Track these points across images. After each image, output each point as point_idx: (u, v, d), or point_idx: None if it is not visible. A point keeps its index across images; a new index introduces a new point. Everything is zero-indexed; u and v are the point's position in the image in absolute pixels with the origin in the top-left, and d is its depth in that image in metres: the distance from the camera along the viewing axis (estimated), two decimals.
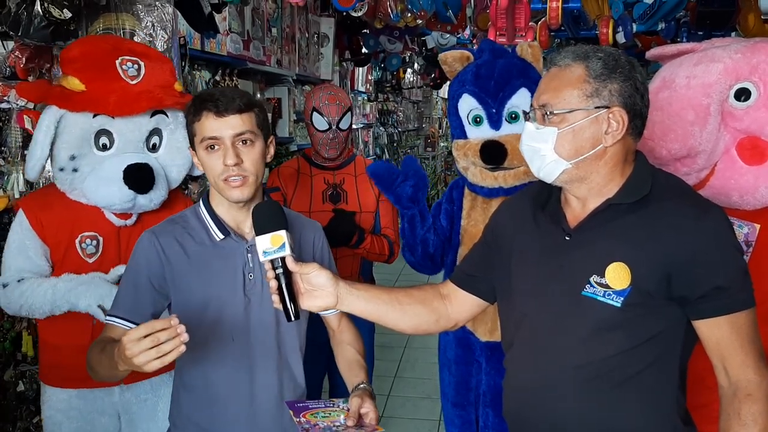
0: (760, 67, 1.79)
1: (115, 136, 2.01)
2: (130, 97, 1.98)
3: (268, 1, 4.33)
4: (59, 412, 2.08)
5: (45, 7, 2.09)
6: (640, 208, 1.38)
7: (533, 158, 1.44)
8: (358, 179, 2.73)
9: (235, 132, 1.56)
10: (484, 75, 2.28)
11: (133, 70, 2.02)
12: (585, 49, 1.41)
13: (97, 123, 1.99)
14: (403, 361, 4.81)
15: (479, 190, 2.37)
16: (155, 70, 2.07)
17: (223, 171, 1.56)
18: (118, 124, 2.00)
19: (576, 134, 1.37)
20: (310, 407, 1.56)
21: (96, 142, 2.01)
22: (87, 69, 2.00)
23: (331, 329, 1.81)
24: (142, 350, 1.30)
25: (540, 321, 1.46)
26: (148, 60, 2.07)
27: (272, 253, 1.43)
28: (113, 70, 2.00)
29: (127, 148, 2.03)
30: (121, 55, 2.02)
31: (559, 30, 3.96)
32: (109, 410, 2.11)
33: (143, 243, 1.65)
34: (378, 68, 7.64)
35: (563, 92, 1.38)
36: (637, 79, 1.38)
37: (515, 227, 1.56)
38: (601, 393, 1.40)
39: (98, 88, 1.98)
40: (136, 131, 2.03)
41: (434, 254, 2.46)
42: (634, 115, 1.37)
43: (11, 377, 2.62)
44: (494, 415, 2.37)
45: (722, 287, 1.32)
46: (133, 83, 2.02)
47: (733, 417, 1.34)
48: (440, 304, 1.65)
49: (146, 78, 2.04)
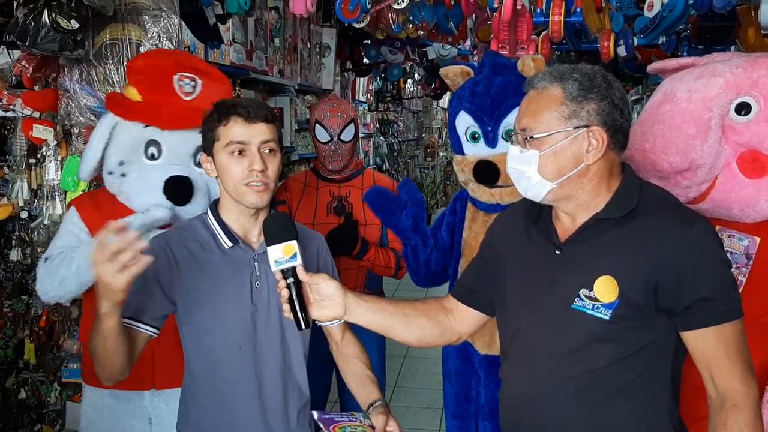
0: (761, 82, 1.81)
1: (164, 148, 2.09)
2: (182, 112, 2.06)
3: (271, 12, 4.35)
4: (93, 408, 2.16)
5: (53, 17, 2.11)
6: (627, 222, 1.40)
7: (519, 180, 1.47)
8: (365, 192, 2.70)
9: (263, 139, 1.59)
10: (480, 93, 2.29)
11: (189, 86, 2.11)
12: (561, 70, 1.43)
13: (147, 133, 2.08)
14: (403, 370, 4.81)
15: (479, 204, 2.39)
16: (212, 89, 2.14)
17: (246, 176, 1.58)
18: (167, 136, 2.09)
19: (557, 155, 1.40)
20: (335, 420, 1.56)
21: (145, 151, 2.09)
22: (146, 81, 2.10)
23: (334, 341, 1.81)
24: (103, 259, 1.34)
25: (533, 333, 1.49)
26: (207, 79, 2.16)
27: (284, 262, 1.44)
28: (170, 85, 2.09)
29: (174, 160, 2.10)
30: (181, 71, 2.11)
31: (561, 43, 3.98)
32: (140, 413, 2.15)
33: (154, 246, 1.65)
34: (379, 78, 7.67)
35: (542, 116, 1.40)
36: (615, 96, 1.40)
37: (509, 242, 1.59)
38: (593, 403, 1.42)
39: (153, 101, 2.08)
40: (184, 145, 2.10)
41: (436, 271, 2.50)
42: (614, 131, 1.40)
43: (13, 385, 2.63)
44: (492, 428, 2.38)
45: (708, 299, 1.34)
46: (187, 99, 2.11)
47: (720, 427, 1.36)
48: (444, 318, 1.68)
49: (201, 95, 2.11)
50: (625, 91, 1.45)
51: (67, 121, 2.52)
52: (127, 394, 2.13)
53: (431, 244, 2.47)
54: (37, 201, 2.70)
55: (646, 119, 1.94)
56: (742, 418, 1.34)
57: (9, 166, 2.73)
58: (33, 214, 2.72)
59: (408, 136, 10.62)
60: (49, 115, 2.56)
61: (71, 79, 2.47)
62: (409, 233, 2.47)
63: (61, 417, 2.81)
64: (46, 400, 2.80)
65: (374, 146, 8.31)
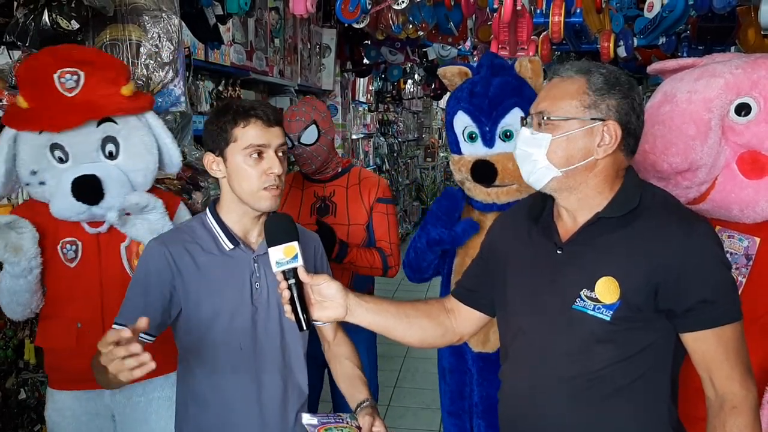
0: (761, 83, 1.81)
1: (68, 149, 2.00)
2: (66, 109, 1.97)
3: (271, 13, 4.36)
4: (56, 412, 2.13)
5: (53, 18, 2.11)
6: (628, 223, 1.40)
7: (525, 162, 1.46)
8: (349, 191, 2.65)
9: (280, 142, 1.61)
10: (478, 93, 2.30)
11: (72, 81, 2.00)
12: (588, 64, 1.44)
13: (45, 138, 2.00)
14: (403, 370, 4.81)
15: (474, 204, 2.41)
16: (97, 78, 2.03)
17: (264, 180, 1.59)
18: (65, 137, 1.99)
19: (569, 143, 1.40)
20: (322, 422, 1.56)
21: (53, 156, 2.01)
22: (28, 86, 2.01)
23: (326, 341, 1.82)
24: (114, 359, 1.29)
25: (534, 334, 1.49)
26: (91, 68, 2.04)
27: (285, 264, 1.44)
28: (51, 84, 1.99)
29: (83, 159, 2.02)
30: (61, 68, 2.01)
31: (561, 43, 3.98)
32: (102, 411, 2.13)
33: (153, 252, 1.65)
34: (379, 79, 7.67)
35: (562, 101, 1.41)
36: (635, 99, 1.41)
37: (510, 241, 1.59)
38: (593, 403, 1.42)
39: (38, 106, 1.99)
40: (84, 142, 2.01)
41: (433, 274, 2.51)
42: (627, 133, 1.40)
43: (13, 385, 2.62)
44: (486, 425, 2.38)
45: (708, 300, 1.34)
46: (71, 95, 2.00)
47: (719, 429, 1.36)
48: (445, 318, 1.68)
49: (85, 88, 2.01)
50: (646, 90, 1.45)
51: None
52: (87, 394, 2.10)
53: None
54: None
55: (646, 120, 1.93)
56: (741, 421, 1.34)
57: None
58: None
59: (408, 136, 10.63)
60: None
61: None
62: (457, 243, 2.39)
63: None
64: (46, 401, 2.80)
65: (374, 147, 8.32)
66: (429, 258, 2.41)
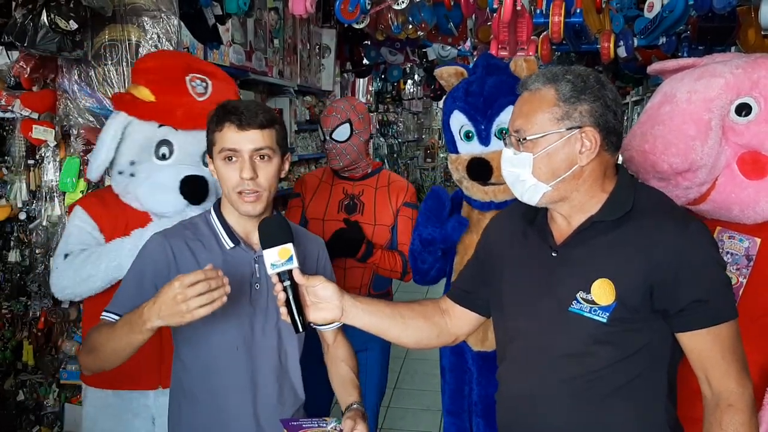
0: (761, 83, 1.80)
1: (175, 148, 2.10)
2: (196, 112, 2.06)
3: (271, 13, 4.35)
4: (95, 408, 2.16)
5: (51, 18, 2.11)
6: (622, 224, 1.40)
7: (515, 184, 1.47)
8: (378, 192, 2.69)
9: (255, 147, 1.58)
10: (474, 92, 2.32)
11: (201, 87, 2.14)
12: (554, 71, 1.43)
13: (161, 133, 2.09)
14: (402, 372, 4.81)
15: (473, 203, 2.42)
16: (221, 90, 2.17)
17: (238, 184, 1.58)
18: (180, 136, 2.10)
19: (551, 157, 1.40)
20: (303, 426, 1.56)
21: (156, 151, 2.09)
22: (159, 81, 2.11)
23: (326, 344, 1.81)
24: (194, 294, 1.36)
25: (531, 336, 1.49)
26: (215, 80, 2.18)
27: (280, 265, 1.44)
28: (183, 85, 2.11)
29: (185, 160, 2.11)
30: (191, 72, 2.13)
31: (561, 44, 3.97)
32: (143, 413, 2.15)
33: (152, 244, 1.65)
34: (379, 79, 7.67)
35: (534, 117, 1.40)
36: (607, 97, 1.40)
37: (505, 243, 1.59)
38: (591, 404, 1.42)
39: (167, 101, 2.09)
40: (195, 145, 2.10)
41: (437, 276, 2.50)
42: (607, 132, 1.40)
43: (11, 386, 2.62)
44: (485, 424, 2.38)
45: (703, 300, 1.35)
46: (200, 100, 2.12)
47: (715, 426, 1.37)
48: (440, 319, 1.68)
49: (212, 96, 2.13)
50: (618, 93, 1.45)
51: (65, 122, 2.52)
52: (130, 394, 2.13)
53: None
54: (36, 202, 2.70)
55: (646, 120, 1.93)
56: (738, 418, 1.35)
57: (8, 167, 2.73)
58: (31, 215, 2.72)
59: (408, 137, 10.63)
60: (48, 116, 2.56)
61: (70, 80, 2.47)
62: (451, 243, 2.41)
63: (59, 419, 2.81)
64: (44, 402, 2.80)
65: (374, 147, 8.32)
66: (428, 260, 2.43)
